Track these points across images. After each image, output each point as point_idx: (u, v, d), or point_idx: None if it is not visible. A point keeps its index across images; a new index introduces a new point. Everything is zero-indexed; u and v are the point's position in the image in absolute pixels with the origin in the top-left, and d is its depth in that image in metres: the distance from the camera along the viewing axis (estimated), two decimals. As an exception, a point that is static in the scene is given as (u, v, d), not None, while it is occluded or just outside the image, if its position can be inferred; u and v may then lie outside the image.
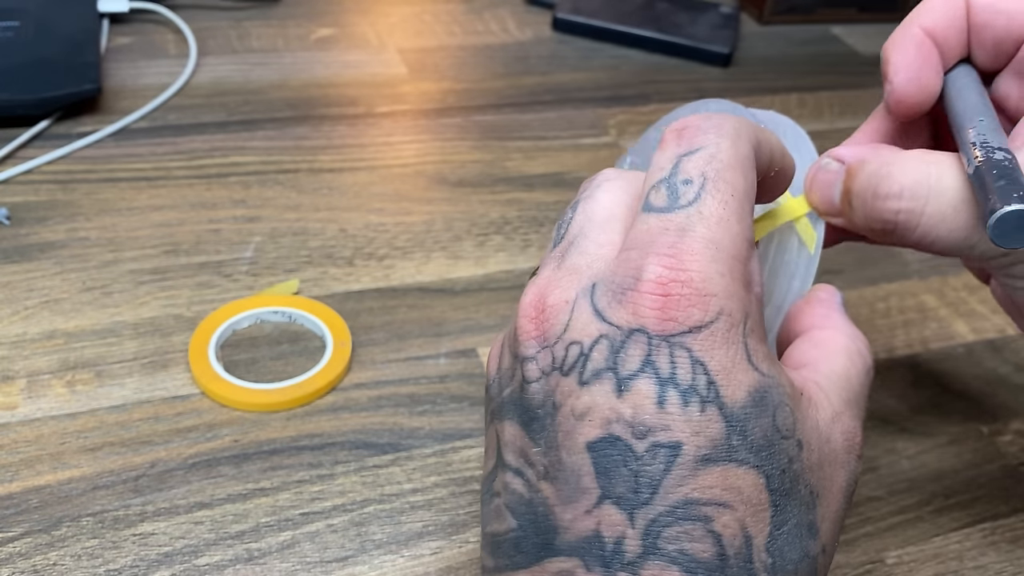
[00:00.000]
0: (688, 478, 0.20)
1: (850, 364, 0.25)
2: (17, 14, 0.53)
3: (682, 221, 0.22)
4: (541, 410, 0.22)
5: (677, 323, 0.21)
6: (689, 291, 0.21)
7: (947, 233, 0.25)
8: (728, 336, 0.21)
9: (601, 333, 0.21)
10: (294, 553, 0.31)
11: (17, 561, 0.30)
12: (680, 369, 0.21)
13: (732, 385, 0.21)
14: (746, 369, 0.21)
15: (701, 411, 0.20)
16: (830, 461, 0.22)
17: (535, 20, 0.69)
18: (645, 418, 0.20)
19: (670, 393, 0.20)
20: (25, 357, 0.37)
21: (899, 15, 0.76)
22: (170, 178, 0.47)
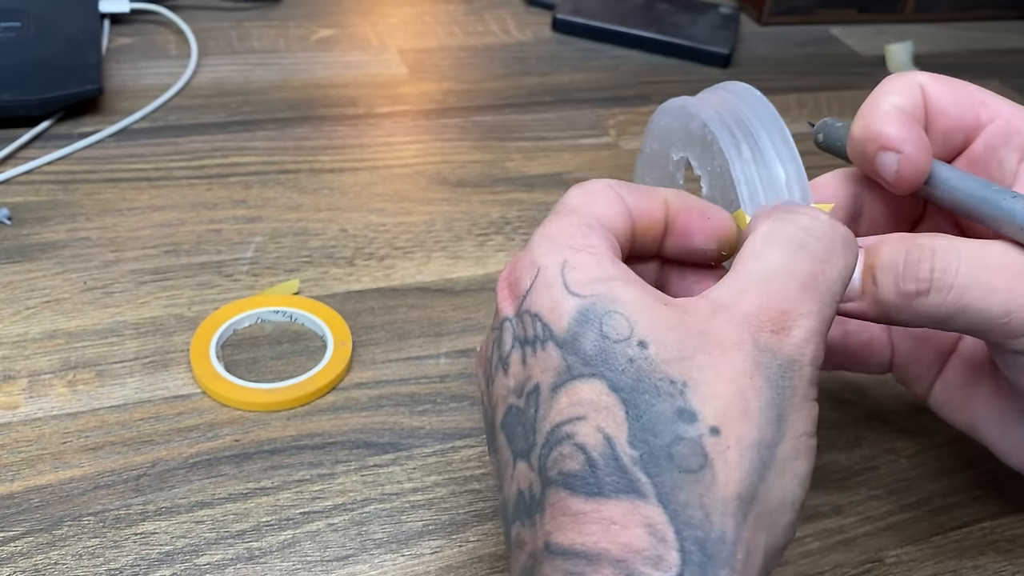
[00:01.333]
0: (549, 410, 0.23)
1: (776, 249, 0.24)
2: (18, 15, 0.54)
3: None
4: (489, 424, 0.26)
5: (518, 296, 0.25)
6: (519, 271, 0.25)
7: (985, 295, 0.25)
8: (547, 282, 0.24)
9: (493, 339, 0.25)
10: (295, 552, 0.31)
11: (18, 560, 0.30)
12: (527, 328, 0.24)
13: (556, 318, 0.23)
14: (566, 299, 0.23)
15: (543, 349, 0.23)
16: (706, 350, 0.22)
17: (535, 21, 0.69)
18: (520, 379, 0.24)
19: (527, 349, 0.24)
20: (26, 357, 0.37)
21: (898, 16, 0.76)
22: (171, 178, 0.48)
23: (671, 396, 0.22)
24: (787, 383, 0.23)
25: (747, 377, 0.22)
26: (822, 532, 0.34)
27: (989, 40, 0.76)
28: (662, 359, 0.22)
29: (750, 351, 0.23)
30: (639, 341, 0.22)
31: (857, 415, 0.39)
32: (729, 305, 0.23)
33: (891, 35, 0.74)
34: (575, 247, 0.24)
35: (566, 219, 0.25)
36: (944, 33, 0.76)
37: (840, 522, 0.34)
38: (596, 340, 0.23)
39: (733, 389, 0.22)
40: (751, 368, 0.22)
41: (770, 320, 0.23)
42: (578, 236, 0.25)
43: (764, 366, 0.23)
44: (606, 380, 0.22)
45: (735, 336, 0.23)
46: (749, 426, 0.22)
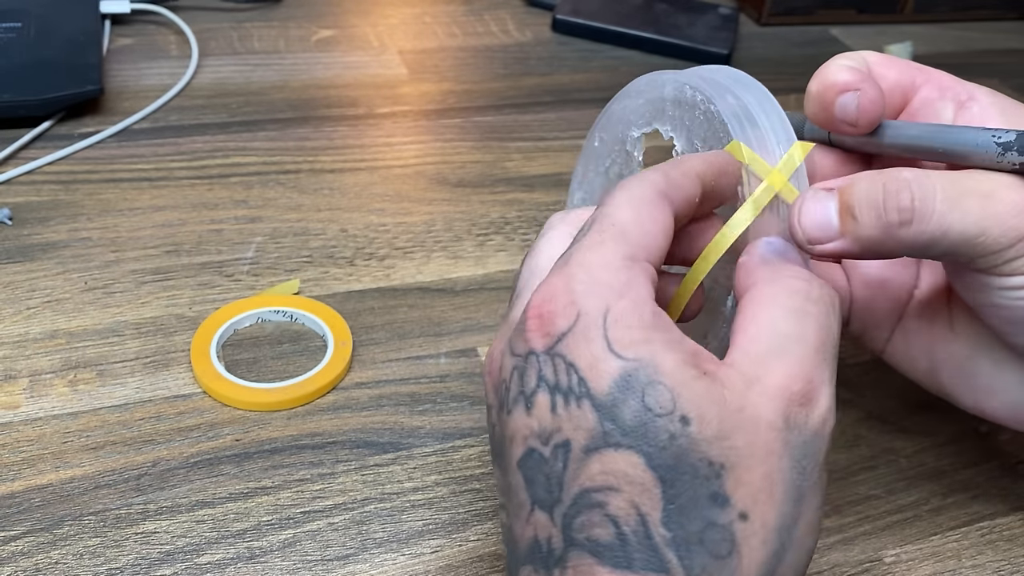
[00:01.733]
0: (580, 470, 0.22)
1: (782, 315, 0.24)
2: (19, 15, 0.54)
3: (565, 257, 0.25)
4: (499, 446, 0.25)
5: (551, 336, 0.23)
6: (556, 305, 0.23)
7: (962, 217, 0.26)
8: (588, 334, 0.23)
9: (513, 366, 0.24)
10: (295, 551, 0.31)
11: (19, 560, 0.30)
12: (560, 374, 0.23)
13: (596, 376, 0.22)
14: (607, 358, 0.22)
15: (578, 406, 0.22)
16: (744, 428, 0.22)
17: (535, 21, 0.69)
18: (546, 425, 0.23)
19: (557, 398, 0.23)
20: (27, 357, 0.37)
21: (897, 16, 0.76)
22: (172, 178, 0.48)
23: (708, 480, 0.22)
24: (808, 462, 0.23)
25: (776, 458, 0.22)
26: (821, 531, 0.34)
27: (988, 40, 0.76)
28: (703, 438, 0.22)
29: (781, 430, 0.23)
30: (682, 416, 0.22)
31: (856, 415, 0.39)
32: (760, 378, 0.23)
33: (890, 36, 0.74)
34: (618, 291, 0.23)
35: (611, 248, 0.24)
36: (943, 33, 0.76)
37: (839, 521, 0.34)
38: (638, 411, 0.22)
39: (763, 472, 0.22)
40: (780, 448, 0.23)
41: (800, 393, 0.23)
42: (622, 274, 0.23)
43: (791, 445, 0.23)
44: (644, 455, 0.22)
45: (770, 413, 0.23)
46: (772, 510, 0.22)
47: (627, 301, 0.23)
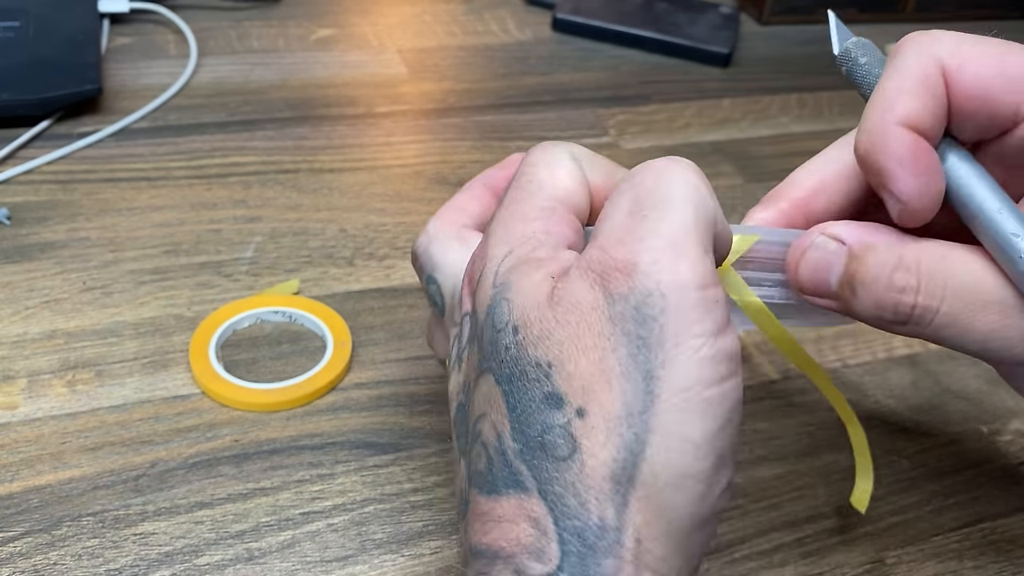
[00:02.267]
0: (473, 405, 0.23)
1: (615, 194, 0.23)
2: (17, 14, 0.54)
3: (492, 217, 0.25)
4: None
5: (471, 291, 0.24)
6: (477, 256, 0.24)
7: (962, 333, 0.23)
8: (487, 275, 0.23)
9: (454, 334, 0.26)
10: (294, 552, 0.31)
11: (18, 561, 0.30)
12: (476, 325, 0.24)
13: (482, 311, 0.23)
14: (488, 291, 0.23)
15: (471, 346, 0.23)
16: (565, 320, 0.21)
17: (535, 20, 0.69)
18: (466, 375, 0.24)
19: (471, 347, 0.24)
20: (26, 357, 0.37)
21: (898, 16, 0.76)
22: (170, 178, 0.47)
23: (538, 381, 0.21)
24: (649, 328, 0.20)
25: (605, 339, 0.20)
26: (822, 532, 0.34)
27: (989, 40, 0.76)
28: (529, 342, 0.21)
29: (603, 307, 0.20)
30: (513, 327, 0.22)
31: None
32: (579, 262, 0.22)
33: (892, 35, 0.73)
34: (526, 236, 0.23)
35: (529, 200, 0.24)
36: (944, 33, 0.76)
37: (841, 522, 0.34)
38: (490, 332, 0.22)
39: (594, 358, 0.20)
40: (608, 327, 0.20)
41: (612, 259, 0.21)
42: (534, 223, 0.23)
43: (619, 318, 0.20)
44: (493, 373, 0.22)
45: (588, 293, 0.21)
46: (612, 397, 0.20)
47: (533, 241, 0.23)
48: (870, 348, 0.42)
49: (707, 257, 0.21)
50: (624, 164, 0.35)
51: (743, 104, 0.61)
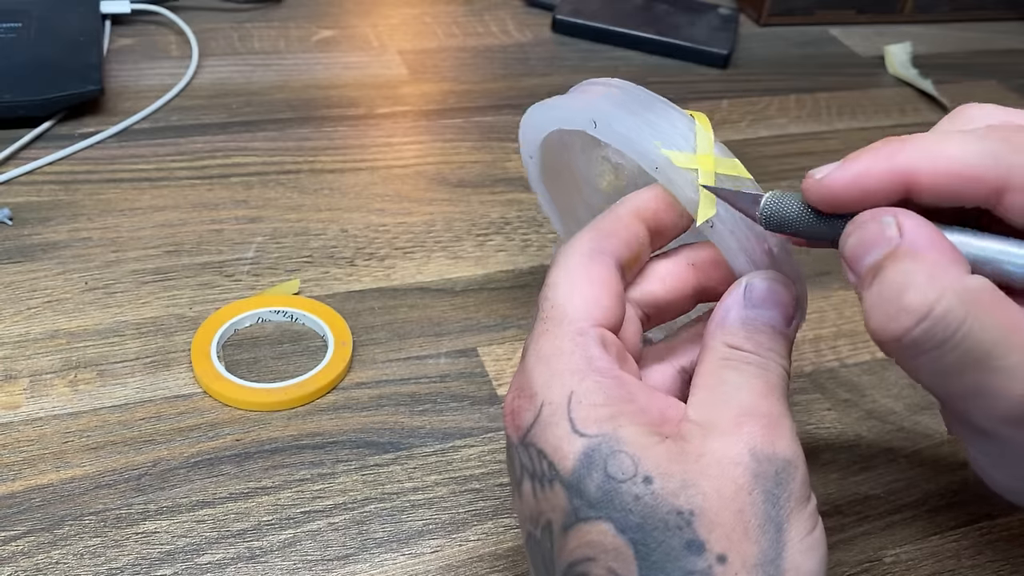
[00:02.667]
0: (562, 547, 0.23)
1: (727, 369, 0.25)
2: (19, 15, 0.54)
3: (524, 347, 0.26)
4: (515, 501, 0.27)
5: (521, 429, 0.25)
6: (521, 401, 0.25)
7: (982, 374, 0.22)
8: (553, 419, 0.24)
9: (507, 455, 0.26)
10: (295, 551, 0.31)
11: (20, 560, 0.30)
12: (534, 462, 0.25)
13: (562, 458, 0.24)
14: (571, 439, 0.24)
15: (551, 488, 0.24)
16: (708, 472, 0.23)
17: (535, 22, 0.69)
18: (532, 510, 0.25)
19: (535, 484, 0.24)
20: (28, 357, 0.37)
21: (897, 17, 0.77)
22: (172, 179, 0.48)
23: (679, 529, 0.22)
24: (783, 490, 0.23)
25: (746, 493, 0.23)
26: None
27: (988, 41, 0.76)
28: (668, 492, 0.22)
29: (748, 464, 0.23)
30: (644, 477, 0.23)
31: (856, 414, 0.39)
32: (715, 423, 0.24)
33: (890, 36, 0.74)
34: (579, 373, 0.24)
35: (559, 332, 0.25)
36: (943, 34, 0.76)
37: (839, 521, 0.34)
38: (601, 482, 0.23)
39: (734, 509, 0.22)
40: (750, 482, 0.23)
41: (760, 425, 0.23)
42: (578, 357, 0.25)
43: (762, 477, 0.23)
44: (612, 522, 0.23)
45: (733, 450, 0.23)
46: (751, 546, 0.22)
47: (590, 381, 0.24)
48: (868, 348, 0.42)
49: None
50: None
51: (742, 105, 0.61)
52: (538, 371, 0.25)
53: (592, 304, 0.26)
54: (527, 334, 0.27)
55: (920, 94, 0.66)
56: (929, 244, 0.22)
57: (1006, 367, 0.21)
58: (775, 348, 0.26)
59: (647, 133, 0.27)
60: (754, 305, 0.26)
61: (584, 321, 0.25)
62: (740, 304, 0.26)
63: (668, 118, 0.28)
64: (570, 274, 0.26)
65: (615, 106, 0.28)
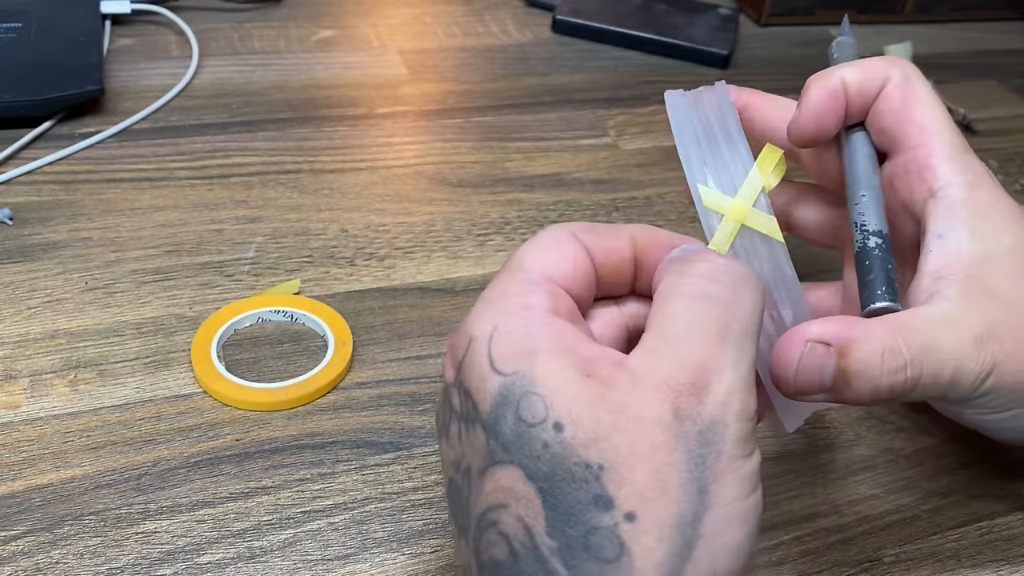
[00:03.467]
0: (477, 492, 0.23)
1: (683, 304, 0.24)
2: (19, 16, 0.54)
3: None
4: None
5: (455, 367, 0.24)
6: (457, 336, 0.25)
7: (947, 387, 0.28)
8: (477, 355, 0.23)
9: (440, 399, 0.26)
10: (296, 551, 0.31)
11: (20, 560, 0.30)
12: (463, 402, 0.24)
13: (483, 398, 0.23)
14: (490, 377, 0.23)
15: (473, 429, 0.23)
16: (625, 427, 0.22)
17: (535, 22, 0.69)
18: (456, 454, 0.24)
19: (461, 425, 0.24)
20: (28, 356, 0.37)
21: (897, 17, 0.77)
22: (172, 178, 0.48)
23: (586, 482, 0.21)
24: (709, 450, 0.22)
25: (665, 452, 0.22)
26: (820, 531, 0.34)
27: (987, 41, 0.76)
28: (578, 442, 0.22)
29: (669, 423, 0.22)
30: (555, 423, 0.22)
31: (856, 414, 0.39)
32: (647, 372, 0.22)
33: (890, 36, 0.74)
34: (508, 310, 0.24)
35: (509, 277, 0.25)
36: (943, 33, 0.76)
37: (839, 521, 0.34)
38: (514, 424, 0.22)
39: (650, 468, 0.21)
40: (670, 442, 0.22)
41: (689, 382, 0.22)
42: (515, 296, 0.24)
43: (684, 437, 0.22)
44: (523, 468, 0.22)
45: (655, 408, 0.22)
46: (667, 505, 0.21)
47: (516, 317, 0.24)
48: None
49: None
50: (623, 164, 0.35)
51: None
52: (477, 309, 0.24)
53: (550, 265, 0.25)
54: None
55: (920, 94, 0.66)
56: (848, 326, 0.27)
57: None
58: (753, 284, 0.25)
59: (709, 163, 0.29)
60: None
61: (536, 273, 0.25)
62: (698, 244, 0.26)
63: (735, 153, 0.29)
64: (538, 240, 0.26)
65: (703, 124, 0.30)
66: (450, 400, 0.25)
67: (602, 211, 0.49)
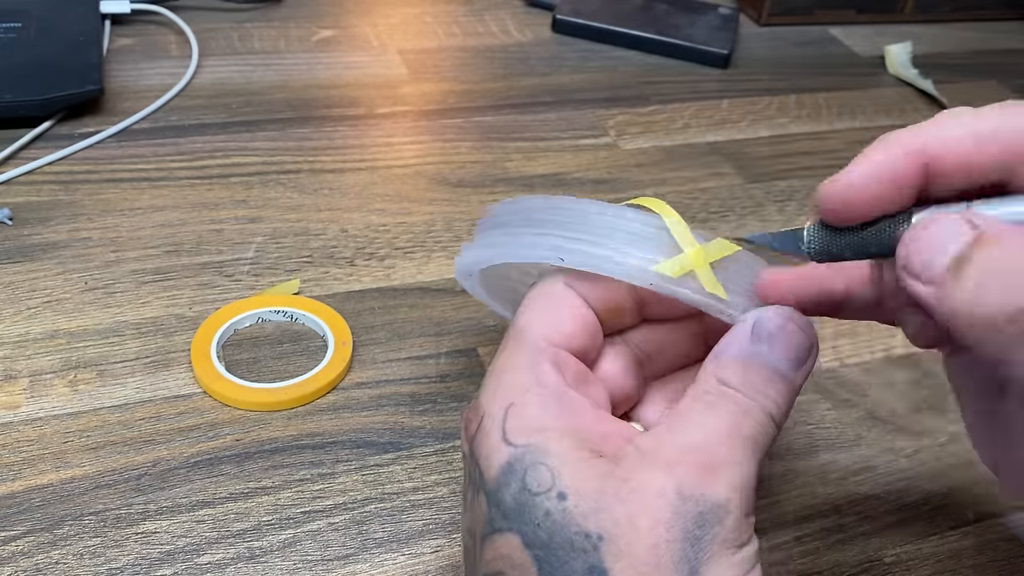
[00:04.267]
0: (480, 559, 0.24)
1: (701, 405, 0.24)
2: (19, 15, 0.54)
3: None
4: None
5: (468, 440, 0.25)
6: (471, 410, 0.25)
7: None
8: (489, 429, 0.24)
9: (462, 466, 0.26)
10: (295, 551, 0.31)
11: (19, 560, 0.30)
12: (474, 471, 0.25)
13: (489, 467, 0.24)
14: (500, 448, 0.24)
15: (477, 497, 0.24)
16: (627, 499, 0.22)
17: (535, 21, 0.69)
18: (469, 520, 0.25)
19: (472, 493, 0.25)
20: (28, 357, 0.37)
21: (897, 16, 0.77)
22: (172, 178, 0.48)
23: (584, 552, 0.22)
24: (705, 532, 0.22)
25: (664, 528, 0.22)
26: (821, 531, 0.34)
27: (988, 41, 0.76)
28: (579, 512, 0.22)
29: (671, 499, 0.22)
30: (559, 492, 0.22)
31: (856, 415, 0.39)
32: (655, 450, 0.23)
33: (890, 36, 0.74)
34: (522, 387, 0.24)
35: (515, 350, 0.25)
36: (943, 33, 0.76)
37: (839, 521, 0.34)
38: (517, 492, 0.23)
39: (648, 543, 0.21)
40: (669, 517, 0.22)
41: (696, 464, 0.22)
42: (525, 372, 0.25)
43: (683, 515, 0.22)
44: (521, 535, 0.22)
45: (658, 482, 0.22)
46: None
47: (532, 395, 0.24)
48: (869, 347, 0.42)
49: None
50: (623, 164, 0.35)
51: (742, 105, 0.61)
52: (489, 385, 0.25)
53: (552, 328, 0.26)
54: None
55: (920, 94, 0.66)
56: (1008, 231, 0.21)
57: None
58: (767, 393, 0.24)
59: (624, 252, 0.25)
60: (760, 340, 0.25)
61: (540, 340, 0.25)
62: (744, 337, 0.25)
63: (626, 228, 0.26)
64: (537, 299, 0.27)
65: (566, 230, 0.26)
66: (467, 470, 0.25)
67: (602, 211, 0.49)
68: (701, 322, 0.29)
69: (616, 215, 0.26)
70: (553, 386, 0.25)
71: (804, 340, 0.25)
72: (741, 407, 0.24)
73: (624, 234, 0.26)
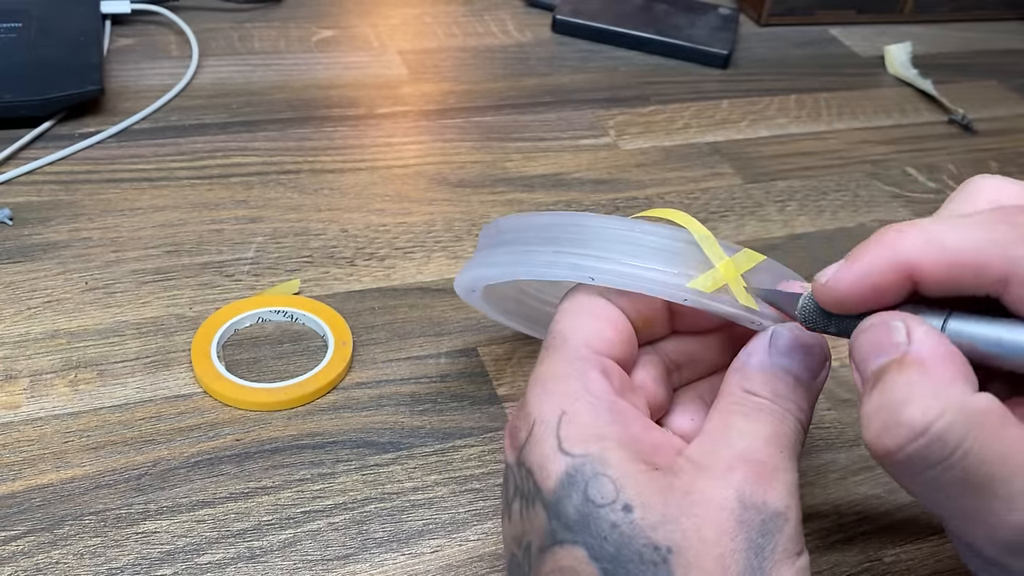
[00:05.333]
0: (537, 571, 0.23)
1: (739, 413, 0.25)
2: (19, 15, 0.54)
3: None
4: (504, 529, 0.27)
5: (516, 448, 0.25)
6: (518, 419, 0.25)
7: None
8: (542, 437, 0.24)
9: (502, 478, 0.26)
10: (295, 551, 0.31)
11: (20, 560, 0.30)
12: (524, 481, 0.24)
13: (546, 477, 0.24)
14: (556, 458, 0.23)
15: (534, 508, 0.24)
16: (692, 511, 0.22)
17: (535, 22, 0.69)
18: (518, 530, 0.25)
19: (523, 503, 0.24)
20: (28, 356, 0.37)
21: (897, 17, 0.77)
22: (172, 179, 0.48)
23: (654, 564, 0.22)
24: (768, 540, 0.22)
25: (729, 539, 0.22)
26: (821, 531, 0.34)
27: (988, 41, 0.76)
28: (647, 524, 0.22)
29: (734, 509, 0.22)
30: (624, 505, 0.22)
31: (857, 415, 0.39)
32: (709, 461, 0.23)
33: (890, 36, 0.74)
34: (572, 395, 0.24)
35: (559, 357, 0.25)
36: (943, 34, 0.76)
37: (839, 521, 0.34)
38: (580, 504, 0.23)
39: (715, 554, 0.22)
40: (734, 528, 0.22)
41: (754, 472, 0.23)
42: (573, 380, 0.25)
43: (747, 524, 0.22)
44: (587, 547, 0.22)
45: (721, 493, 0.23)
46: None
47: (583, 403, 0.24)
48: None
49: None
50: (623, 164, 0.35)
51: (742, 105, 0.61)
52: (535, 392, 0.25)
53: (593, 335, 0.26)
54: (527, 336, 0.27)
55: (920, 94, 0.66)
56: (936, 356, 0.21)
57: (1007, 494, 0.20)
58: (793, 399, 0.25)
59: (652, 269, 0.26)
60: (778, 352, 0.26)
61: (584, 348, 0.25)
62: (763, 350, 0.26)
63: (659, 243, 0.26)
64: (575, 307, 0.27)
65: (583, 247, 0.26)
66: (512, 479, 0.25)
67: (602, 211, 0.49)
68: (730, 332, 0.29)
69: (629, 228, 0.27)
70: (603, 394, 0.25)
71: (818, 350, 0.26)
72: (775, 416, 0.25)
73: (648, 250, 0.26)
